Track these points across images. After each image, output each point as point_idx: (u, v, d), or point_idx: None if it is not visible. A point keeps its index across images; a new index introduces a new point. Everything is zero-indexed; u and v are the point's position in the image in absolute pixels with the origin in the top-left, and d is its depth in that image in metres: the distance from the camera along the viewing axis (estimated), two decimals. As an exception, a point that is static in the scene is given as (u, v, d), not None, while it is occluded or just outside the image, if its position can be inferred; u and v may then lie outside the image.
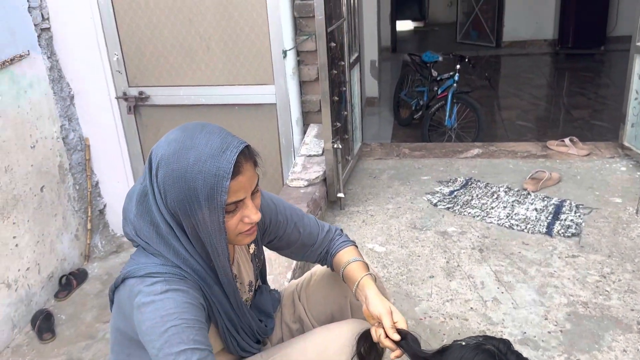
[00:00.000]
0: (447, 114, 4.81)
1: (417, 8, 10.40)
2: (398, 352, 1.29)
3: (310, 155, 3.16)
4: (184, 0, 3.46)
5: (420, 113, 5.32)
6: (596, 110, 5.77)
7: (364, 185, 3.31)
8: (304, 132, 3.50)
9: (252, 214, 1.23)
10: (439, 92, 5.03)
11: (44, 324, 3.29)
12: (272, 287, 1.71)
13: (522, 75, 7.28)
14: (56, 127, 3.59)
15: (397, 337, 1.31)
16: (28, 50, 3.31)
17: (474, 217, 2.91)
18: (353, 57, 3.28)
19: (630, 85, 3.24)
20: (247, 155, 1.21)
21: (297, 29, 3.38)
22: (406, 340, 1.30)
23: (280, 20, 3.32)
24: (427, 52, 5.39)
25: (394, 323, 1.33)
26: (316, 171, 2.99)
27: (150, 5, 3.48)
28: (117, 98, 3.71)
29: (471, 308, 2.29)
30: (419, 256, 2.64)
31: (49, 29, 3.51)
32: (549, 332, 2.15)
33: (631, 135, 3.33)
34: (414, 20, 10.50)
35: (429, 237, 2.78)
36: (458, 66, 4.86)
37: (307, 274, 1.73)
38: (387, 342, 1.32)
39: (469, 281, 2.45)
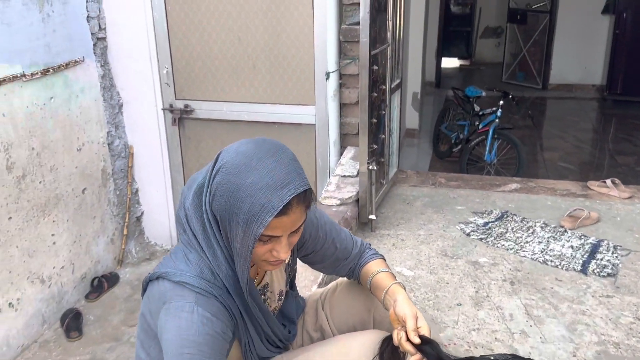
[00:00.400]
0: (487, 148, 4.78)
1: (464, 46, 10.44)
2: (418, 356, 1.28)
3: (344, 176, 3.18)
4: (235, 19, 3.57)
5: (459, 147, 5.30)
6: (642, 157, 5.65)
7: (397, 210, 3.30)
8: (341, 154, 3.53)
9: (282, 252, 1.23)
10: (480, 126, 5.01)
11: (72, 323, 3.36)
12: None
13: (567, 118, 7.19)
14: (103, 132, 3.71)
15: (417, 340, 1.30)
16: (83, 57, 3.45)
17: (507, 249, 2.87)
18: (395, 83, 3.32)
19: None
20: (303, 199, 1.20)
21: (342, 53, 3.44)
22: (427, 345, 1.29)
23: (326, 44, 3.39)
24: (470, 86, 5.39)
25: (418, 328, 1.32)
26: (349, 191, 3.00)
27: (202, 22, 3.60)
28: (164, 109, 3.82)
29: (497, 339, 2.25)
30: (447, 283, 2.60)
31: (104, 38, 3.66)
32: (577, 369, 2.09)
33: (676, 179, 3.24)
34: (460, 58, 10.53)
35: (459, 266, 2.74)
36: (501, 102, 4.84)
37: (332, 284, 1.73)
38: (407, 346, 1.31)
39: (497, 312, 2.40)
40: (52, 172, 3.30)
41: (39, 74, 3.12)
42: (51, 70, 3.20)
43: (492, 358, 1.20)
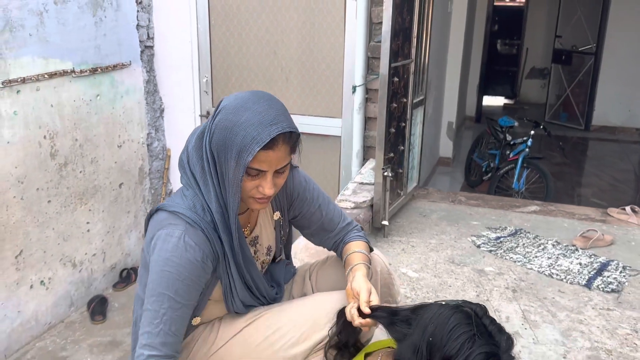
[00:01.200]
0: (516, 177, 4.83)
1: (510, 86, 10.48)
2: (369, 321, 1.38)
3: (362, 183, 3.30)
4: (272, 34, 3.81)
5: (489, 175, 5.36)
6: (678, 200, 5.55)
7: (412, 221, 3.40)
8: (362, 165, 3.66)
9: (266, 187, 1.39)
10: (511, 155, 5.06)
11: (97, 307, 3.56)
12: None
13: (607, 158, 7.12)
14: (143, 133, 3.97)
15: (367, 310, 1.40)
16: (130, 61, 3.74)
17: (515, 262, 2.92)
18: (417, 99, 3.45)
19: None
20: (288, 139, 1.36)
21: (369, 69, 3.61)
22: (377, 311, 1.38)
23: (354, 59, 3.57)
24: (504, 117, 5.46)
25: (370, 301, 1.43)
26: (365, 197, 3.12)
27: (242, 36, 3.85)
28: (201, 116, 4.06)
29: (490, 336, 2.30)
30: (450, 286, 2.68)
31: (152, 47, 3.96)
32: (565, 370, 2.12)
33: (695, 208, 3.23)
34: (505, 97, 10.56)
35: (465, 272, 2.81)
36: (532, 132, 4.89)
37: (324, 257, 1.86)
38: (357, 320, 1.40)
39: (494, 314, 2.46)
40: (92, 164, 3.55)
41: (88, 72, 3.41)
42: (99, 70, 3.49)
43: (443, 303, 1.29)
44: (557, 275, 2.78)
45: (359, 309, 1.42)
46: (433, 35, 4.88)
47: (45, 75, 3.12)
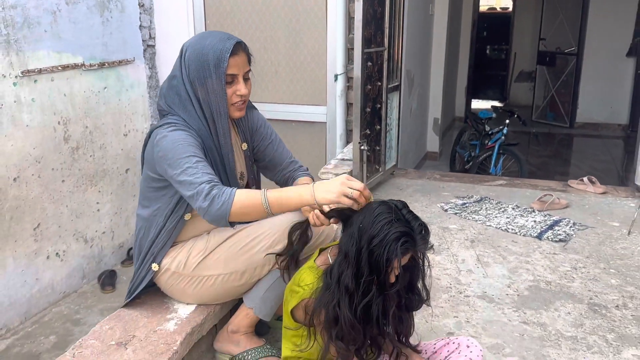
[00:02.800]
0: (493, 162, 5.19)
1: (500, 90, 10.88)
2: (333, 221, 1.71)
3: (343, 159, 3.68)
4: (261, 31, 4.22)
5: (470, 163, 5.71)
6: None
7: (389, 193, 3.76)
8: (345, 147, 4.04)
9: (242, 88, 1.83)
10: (489, 143, 5.43)
11: (107, 279, 3.92)
12: None
13: (588, 151, 7.48)
14: (147, 124, 4.37)
15: (327, 208, 1.74)
16: (134, 58, 4.15)
17: (476, 221, 3.27)
18: (392, 84, 3.83)
19: (642, 128, 3.53)
20: (243, 48, 1.84)
21: (349, 59, 4.00)
22: (335, 210, 1.73)
23: (336, 51, 3.97)
24: (483, 110, 5.84)
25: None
26: (344, 170, 3.49)
27: (235, 34, 4.22)
28: (199, 108, 4.46)
29: (446, 273, 2.66)
30: (416, 239, 3.03)
31: (154, 46, 4.37)
32: (507, 295, 2.47)
33: (642, 174, 3.58)
34: (495, 100, 10.95)
35: (431, 229, 3.12)
36: (507, 120, 5.26)
37: None
38: (321, 219, 1.72)
39: (452, 258, 2.82)
40: (101, 150, 3.95)
41: (96, 66, 3.82)
42: (106, 65, 3.90)
43: (375, 203, 1.63)
44: (512, 230, 3.14)
45: (321, 212, 1.77)
46: (414, 33, 5.30)
47: (59, 68, 3.53)
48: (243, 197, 1.66)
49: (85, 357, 1.70)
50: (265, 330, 2.11)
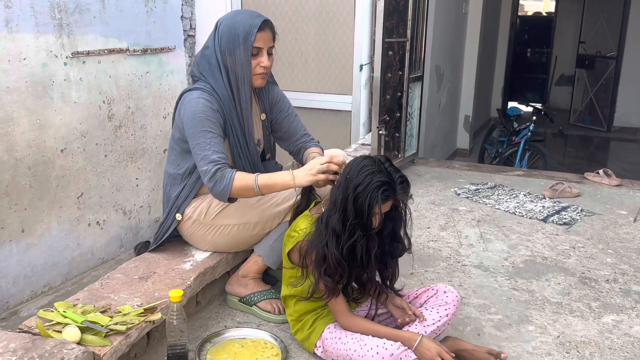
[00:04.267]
0: (519, 157, 5.30)
1: (539, 93, 10.85)
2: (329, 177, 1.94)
3: (364, 144, 3.89)
4: (293, 23, 4.47)
5: (497, 160, 5.83)
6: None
7: (407, 177, 3.95)
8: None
9: (265, 60, 2.08)
10: (515, 139, 5.54)
11: (143, 249, 4.17)
12: None
13: (622, 154, 7.46)
14: (184, 108, 4.67)
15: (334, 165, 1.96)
16: (175, 46, 4.46)
17: (486, 204, 3.43)
18: (414, 74, 4.01)
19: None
20: (270, 26, 2.08)
21: (374, 50, 4.20)
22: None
23: (362, 43, 4.19)
24: (512, 107, 5.94)
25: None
26: (364, 153, 3.70)
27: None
28: (233, 95, 4.74)
29: (448, 246, 2.84)
30: (425, 217, 3.22)
31: (194, 36, 4.68)
32: (502, 266, 2.64)
33: (655, 167, 3.66)
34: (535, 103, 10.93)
35: (441, 210, 3.35)
36: (534, 117, 5.37)
37: None
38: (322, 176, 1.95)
39: (456, 234, 2.99)
40: (141, 129, 4.27)
41: (140, 51, 4.14)
42: (149, 51, 4.22)
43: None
44: (519, 213, 3.29)
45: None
46: (444, 30, 5.46)
47: (105, 51, 3.86)
48: (239, 183, 1.96)
49: (111, 286, 1.97)
50: (272, 281, 2.34)
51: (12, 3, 3.27)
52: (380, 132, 3.61)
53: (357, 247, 1.74)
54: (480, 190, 3.67)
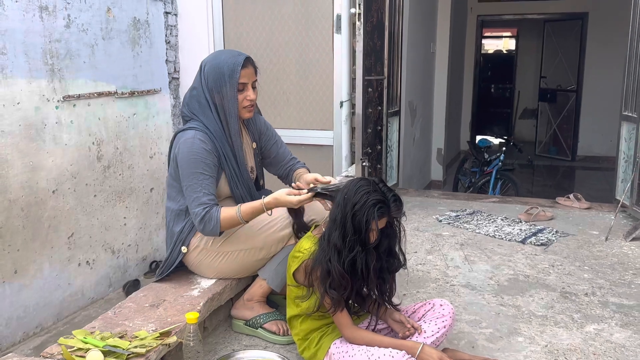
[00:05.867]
0: (491, 186, 5.53)
1: (505, 127, 11.27)
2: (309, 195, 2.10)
3: (347, 176, 4.05)
4: (275, 64, 4.67)
5: (471, 189, 6.06)
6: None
7: (390, 207, 4.11)
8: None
9: (251, 94, 2.23)
10: (487, 169, 5.79)
11: (131, 288, 4.27)
12: None
13: (587, 182, 7.80)
14: (169, 148, 4.79)
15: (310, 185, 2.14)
16: (160, 88, 4.61)
17: (467, 229, 3.61)
18: (392, 109, 4.23)
19: (620, 147, 3.88)
20: (251, 62, 2.24)
21: (353, 87, 4.42)
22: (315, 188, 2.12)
23: (341, 81, 4.40)
24: (482, 139, 6.22)
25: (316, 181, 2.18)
26: (348, 184, 3.86)
27: (250, 67, 4.72)
28: (217, 134, 4.89)
29: (436, 268, 2.99)
30: (411, 242, 3.38)
31: (178, 78, 4.84)
32: (488, 284, 2.80)
33: (621, 189, 3.90)
34: (501, 137, 11.34)
35: (425, 235, 3.51)
36: (504, 148, 5.63)
37: None
38: (304, 197, 2.11)
39: (442, 257, 3.15)
40: (129, 169, 4.36)
41: (127, 94, 4.27)
42: (136, 94, 4.35)
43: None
44: (499, 236, 3.47)
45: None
46: (416, 68, 5.74)
47: (95, 94, 3.98)
48: (225, 219, 2.14)
49: (125, 314, 2.06)
50: (274, 306, 2.45)
51: (7, 50, 3.38)
52: (364, 163, 3.79)
53: (357, 261, 1.88)
54: (460, 216, 3.85)
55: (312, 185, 2.18)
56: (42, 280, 3.71)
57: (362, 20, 3.59)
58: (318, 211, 2.30)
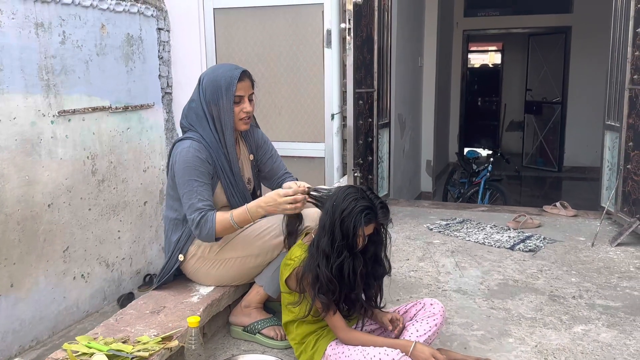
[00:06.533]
0: (480, 196, 5.63)
1: (492, 139, 11.44)
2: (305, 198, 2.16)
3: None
4: (266, 79, 4.76)
5: (460, 200, 6.16)
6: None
7: (381, 217, 4.19)
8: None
9: (247, 106, 2.32)
10: (476, 180, 5.89)
11: (126, 300, 4.30)
12: None
13: (574, 192, 7.92)
14: (163, 162, 4.85)
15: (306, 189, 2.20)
16: (154, 103, 4.67)
17: (457, 237, 3.69)
18: (383, 121, 4.32)
19: (604, 155, 3.99)
20: (248, 75, 2.32)
21: (344, 100, 4.51)
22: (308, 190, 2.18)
23: (332, 94, 4.49)
24: (470, 150, 6.33)
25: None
26: (340, 195, 3.94)
27: (242, 81, 4.80)
28: (210, 148, 4.95)
29: (428, 274, 3.06)
30: (403, 250, 3.45)
31: (170, 93, 4.91)
32: (479, 289, 2.87)
33: (606, 196, 4.01)
34: (489, 149, 11.50)
35: (417, 243, 3.58)
36: (492, 159, 5.75)
37: None
38: (300, 197, 2.17)
39: (434, 263, 3.22)
40: (123, 183, 4.41)
41: (121, 109, 4.33)
42: (130, 108, 4.41)
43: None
44: (488, 243, 3.55)
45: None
46: (404, 81, 5.86)
47: (89, 109, 4.04)
48: (219, 222, 2.19)
49: (126, 320, 2.10)
50: (272, 313, 2.50)
51: (4, 66, 3.44)
52: (356, 174, 3.87)
53: (344, 266, 1.95)
54: (450, 225, 3.93)
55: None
56: (37, 294, 3.73)
57: (352, 35, 3.69)
58: (312, 218, 2.37)
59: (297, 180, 2.63)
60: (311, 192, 2.17)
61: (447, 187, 6.65)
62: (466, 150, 8.57)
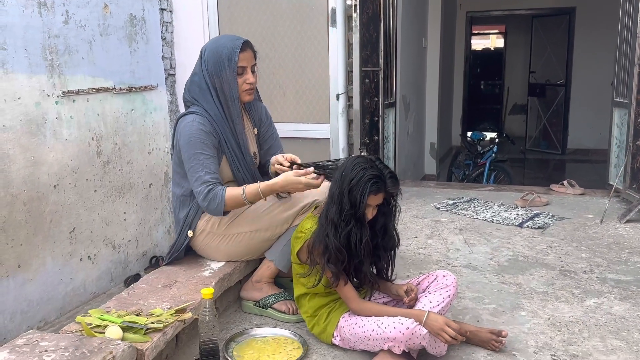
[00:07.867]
0: (485, 177, 5.61)
1: (495, 123, 11.39)
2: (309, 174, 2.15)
3: (346, 167, 4.11)
4: (270, 59, 4.72)
5: (465, 181, 6.13)
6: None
7: (388, 196, 4.17)
8: (348, 158, 4.48)
9: (250, 77, 2.28)
10: (481, 161, 5.86)
11: (132, 281, 4.29)
12: None
13: (577, 174, 7.89)
14: (167, 144, 4.82)
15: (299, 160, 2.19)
16: (157, 84, 4.64)
17: (465, 215, 3.67)
18: (388, 101, 4.29)
19: (612, 133, 3.97)
20: (250, 45, 2.29)
21: (349, 80, 4.48)
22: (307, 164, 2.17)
23: (337, 73, 4.45)
24: (475, 132, 6.29)
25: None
26: (347, 174, 3.92)
27: (246, 62, 4.76)
28: (214, 130, 4.93)
29: (437, 251, 3.05)
30: (411, 229, 3.43)
31: (174, 74, 4.87)
32: (489, 265, 2.86)
33: (614, 174, 3.99)
34: (492, 132, 11.46)
35: (425, 221, 3.57)
36: (497, 140, 5.71)
37: None
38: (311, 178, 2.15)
39: (442, 240, 3.21)
40: (128, 165, 4.39)
41: (125, 90, 4.30)
42: (134, 89, 4.38)
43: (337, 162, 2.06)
44: (497, 221, 3.54)
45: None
46: (408, 62, 5.81)
47: (94, 90, 4.00)
48: (230, 198, 2.17)
49: (138, 294, 2.10)
50: (282, 289, 2.50)
51: (7, 45, 3.41)
52: (362, 153, 3.83)
53: (351, 236, 1.93)
54: (457, 203, 3.92)
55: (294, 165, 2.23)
56: (45, 275, 3.72)
57: (358, 11, 3.66)
58: (321, 192, 2.35)
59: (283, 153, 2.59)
60: (315, 171, 2.15)
61: (452, 169, 6.62)
62: (468, 134, 8.55)
